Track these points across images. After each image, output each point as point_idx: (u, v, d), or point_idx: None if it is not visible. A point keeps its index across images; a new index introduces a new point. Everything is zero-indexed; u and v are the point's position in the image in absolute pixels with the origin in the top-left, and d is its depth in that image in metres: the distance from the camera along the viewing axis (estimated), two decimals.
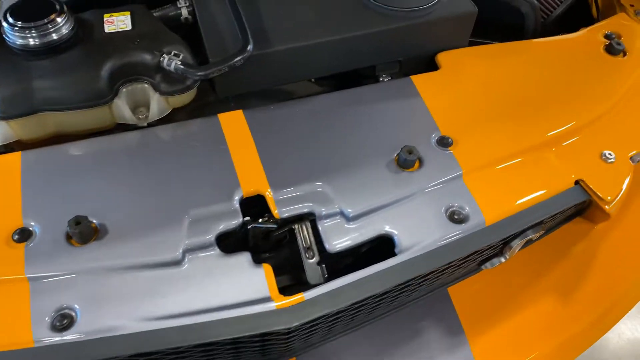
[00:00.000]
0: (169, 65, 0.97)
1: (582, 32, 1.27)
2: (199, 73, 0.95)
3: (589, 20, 1.41)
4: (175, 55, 0.97)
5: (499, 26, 1.29)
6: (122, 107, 0.98)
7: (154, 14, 1.13)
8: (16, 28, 0.94)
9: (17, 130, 0.96)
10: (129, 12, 1.04)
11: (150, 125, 1.02)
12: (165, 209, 0.89)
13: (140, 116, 1.01)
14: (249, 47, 0.97)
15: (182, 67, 0.96)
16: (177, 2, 1.13)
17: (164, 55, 0.97)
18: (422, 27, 1.11)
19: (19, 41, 0.94)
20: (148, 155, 0.95)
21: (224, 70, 0.96)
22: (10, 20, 0.94)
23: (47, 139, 0.99)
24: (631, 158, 1.06)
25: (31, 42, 0.95)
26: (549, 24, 1.35)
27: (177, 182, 0.92)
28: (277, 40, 1.05)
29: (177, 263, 0.84)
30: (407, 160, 0.95)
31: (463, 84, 1.11)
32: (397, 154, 0.96)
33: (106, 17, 1.03)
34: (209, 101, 1.09)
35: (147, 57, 0.98)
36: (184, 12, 1.14)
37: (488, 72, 1.13)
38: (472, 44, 1.26)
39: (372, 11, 1.10)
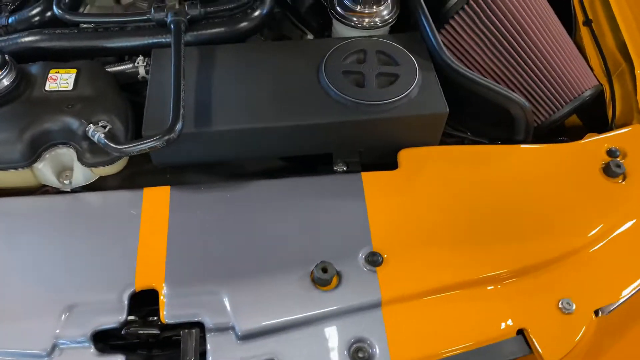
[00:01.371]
0: (93, 136, 0.92)
1: (582, 142, 1.11)
2: (119, 149, 0.90)
3: (602, 125, 1.24)
4: (102, 126, 0.93)
5: (487, 122, 1.16)
6: (44, 171, 0.95)
7: (110, 69, 1.10)
8: None
9: None
10: (75, 70, 1.02)
11: (74, 191, 0.98)
12: (48, 289, 0.84)
13: (64, 181, 0.97)
14: (176, 129, 0.90)
15: (104, 140, 0.91)
16: (136, 60, 1.10)
17: (90, 124, 0.93)
18: (385, 122, 1.01)
19: None
20: (50, 225, 0.92)
21: (145, 150, 0.90)
22: None
23: None
24: (598, 310, 0.91)
25: None
26: (544, 127, 1.19)
27: (71, 260, 0.87)
28: (221, 120, 0.98)
29: (44, 356, 0.79)
30: (320, 279, 0.85)
31: (417, 190, 0.99)
32: (313, 269, 0.87)
33: (52, 72, 1.01)
34: (144, 169, 1.04)
35: (74, 124, 0.94)
36: (141, 72, 1.10)
37: (450, 179, 1.01)
38: (449, 137, 1.15)
39: (331, 99, 1.01)
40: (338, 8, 1.15)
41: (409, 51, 1.09)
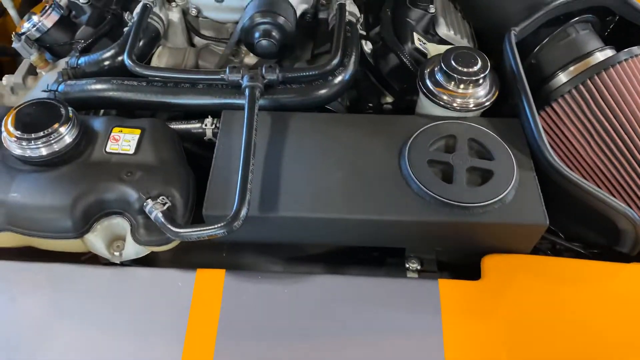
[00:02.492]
0: (150, 213, 0.84)
1: None
2: (177, 233, 0.82)
3: None
4: (161, 203, 0.85)
5: (587, 228, 1.01)
6: (94, 242, 0.88)
7: (176, 126, 1.02)
8: (13, 138, 0.87)
9: None
10: (139, 131, 0.94)
11: (123, 264, 0.91)
12: None
13: (115, 252, 0.90)
14: (240, 216, 0.80)
15: (162, 220, 0.83)
16: (204, 122, 1.02)
17: (149, 199, 0.85)
18: (473, 227, 0.88)
19: (17, 151, 0.88)
20: (96, 299, 0.86)
21: (204, 238, 0.81)
22: (10, 127, 0.88)
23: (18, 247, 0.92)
24: None
25: (28, 153, 0.88)
26: None
27: (114, 340, 0.81)
28: (289, 205, 0.88)
29: None
30: None
31: (503, 311, 0.86)
32: None
33: (115, 131, 0.94)
34: (199, 243, 0.95)
35: (132, 196, 0.86)
36: (209, 134, 1.02)
37: (544, 300, 0.87)
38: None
39: (413, 193, 0.89)
40: (428, 82, 1.03)
41: (506, 142, 0.96)
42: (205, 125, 1.01)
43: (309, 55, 1.30)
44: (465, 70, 0.98)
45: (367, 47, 1.20)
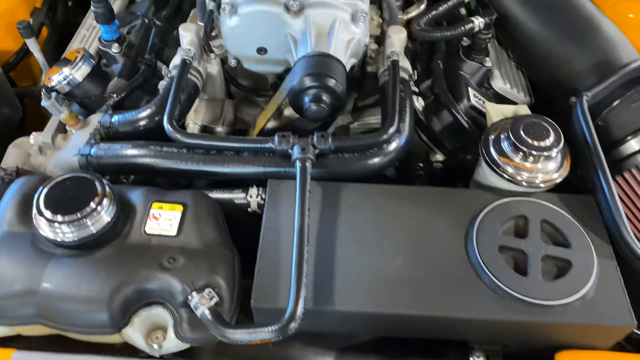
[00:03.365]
0: (196, 308, 0.76)
1: None
2: (225, 335, 0.74)
3: None
4: (208, 296, 0.77)
5: None
6: (132, 335, 0.80)
7: (217, 195, 0.94)
8: (45, 219, 0.79)
9: (15, 329, 0.82)
10: (181, 208, 0.86)
11: (163, 358, 0.83)
12: None
13: (154, 344, 0.81)
14: (297, 316, 0.72)
15: (209, 318, 0.75)
16: (249, 192, 0.94)
17: (194, 292, 0.77)
18: (549, 326, 0.80)
19: (50, 235, 0.80)
20: None
21: (256, 342, 0.73)
22: (42, 207, 0.80)
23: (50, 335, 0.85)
24: None
25: (60, 237, 0.80)
26: None
27: None
28: (345, 298, 0.79)
29: None
30: None
31: None
32: None
33: (154, 207, 0.86)
34: None
35: (176, 287, 0.78)
36: (253, 205, 0.94)
37: None
38: None
39: (483, 285, 0.80)
40: (492, 150, 0.94)
41: (580, 223, 0.87)
42: (250, 196, 0.93)
43: (351, 105, 1.23)
44: (536, 143, 0.90)
45: (419, 103, 1.12)
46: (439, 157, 1.17)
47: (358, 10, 1.02)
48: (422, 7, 1.22)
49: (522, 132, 0.91)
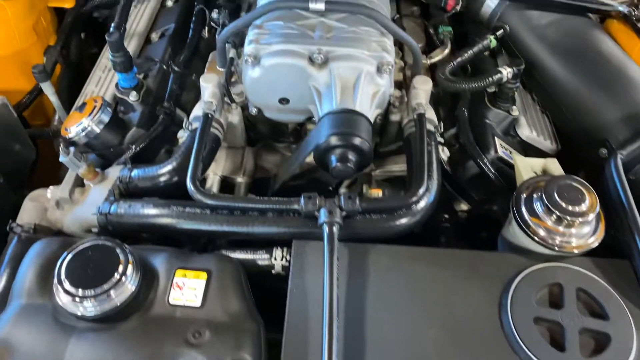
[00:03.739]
0: None
1: None
2: None
3: None
4: None
5: None
6: None
7: (239, 256, 0.92)
8: (67, 294, 0.77)
9: None
10: (205, 275, 0.84)
11: None
12: None
13: None
14: None
15: None
16: (273, 254, 0.91)
17: None
18: None
19: (71, 309, 0.78)
20: None
21: None
22: (63, 279, 0.77)
23: None
24: None
25: (81, 311, 0.77)
26: None
27: None
28: None
29: None
30: None
31: None
32: None
33: (178, 275, 0.84)
34: None
35: None
36: (277, 267, 0.91)
37: None
38: None
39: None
40: (523, 210, 0.91)
41: (619, 293, 0.84)
42: (275, 258, 0.91)
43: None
44: (570, 208, 0.87)
45: (444, 154, 1.09)
46: (464, 206, 1.14)
47: (384, 62, 0.99)
48: (447, 51, 1.19)
49: (556, 195, 0.88)
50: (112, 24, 1.08)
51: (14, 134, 1.22)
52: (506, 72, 1.06)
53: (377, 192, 1.10)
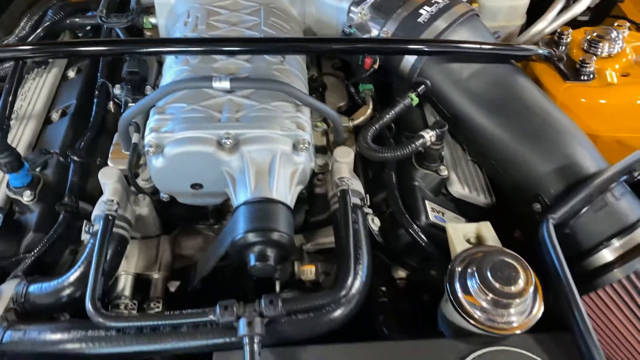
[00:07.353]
0: None
1: None
2: None
3: None
4: None
5: None
6: None
7: None
8: None
9: None
10: None
11: None
12: None
13: None
14: None
15: None
16: None
17: None
18: None
19: None
20: None
21: None
22: None
23: None
24: None
25: None
26: None
27: None
28: None
29: None
30: None
31: None
32: None
33: None
34: None
35: None
36: None
37: None
38: None
39: None
40: (457, 287, 0.85)
41: None
42: None
43: (302, 219, 1.12)
44: (505, 290, 0.82)
45: (375, 224, 1.02)
46: (402, 273, 1.09)
47: (299, 141, 0.92)
48: (369, 111, 1.13)
49: (489, 275, 0.83)
50: None
51: None
52: (429, 135, 1.00)
53: (309, 268, 1.04)
